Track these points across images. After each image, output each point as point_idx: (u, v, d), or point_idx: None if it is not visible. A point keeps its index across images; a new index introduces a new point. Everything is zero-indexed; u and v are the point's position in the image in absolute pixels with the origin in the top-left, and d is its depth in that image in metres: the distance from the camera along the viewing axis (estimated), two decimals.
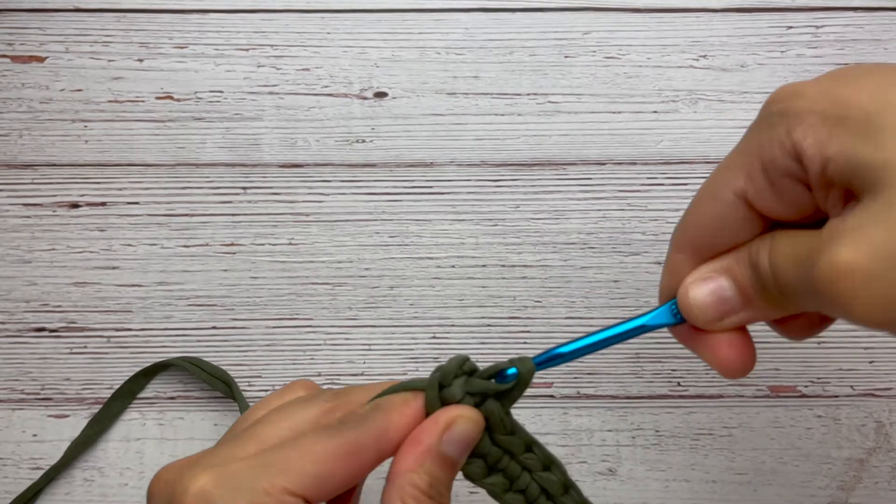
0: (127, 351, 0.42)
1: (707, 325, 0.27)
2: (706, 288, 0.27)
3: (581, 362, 0.42)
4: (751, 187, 0.25)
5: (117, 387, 0.42)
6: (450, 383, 0.27)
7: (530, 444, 0.29)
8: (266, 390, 0.42)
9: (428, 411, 0.27)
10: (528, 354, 0.29)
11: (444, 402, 0.27)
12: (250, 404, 0.42)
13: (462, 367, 0.28)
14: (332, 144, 0.43)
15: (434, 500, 0.27)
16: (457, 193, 0.43)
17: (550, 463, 0.29)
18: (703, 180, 0.43)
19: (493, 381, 0.28)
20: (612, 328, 0.29)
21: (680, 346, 0.42)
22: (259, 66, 0.44)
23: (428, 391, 0.27)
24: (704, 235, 0.27)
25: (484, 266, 0.43)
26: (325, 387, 0.35)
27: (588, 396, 0.42)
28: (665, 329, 0.30)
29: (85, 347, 0.42)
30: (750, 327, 0.28)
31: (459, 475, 0.28)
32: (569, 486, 0.30)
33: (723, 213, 0.26)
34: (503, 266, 0.43)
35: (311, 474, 0.25)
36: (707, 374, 0.42)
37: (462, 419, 0.27)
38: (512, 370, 0.27)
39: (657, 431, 0.42)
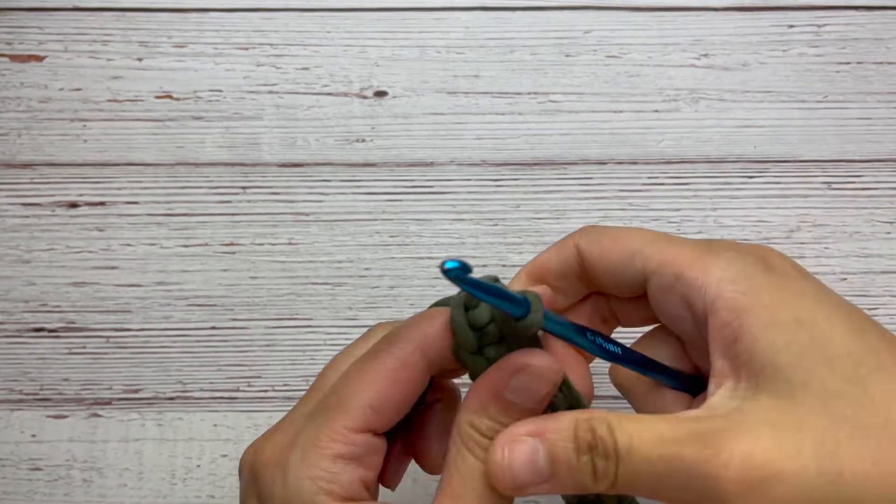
0: (126, 351, 0.42)
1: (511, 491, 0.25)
2: (521, 452, 0.24)
3: None
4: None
5: (116, 387, 0.42)
6: (476, 304, 0.25)
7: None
8: (266, 390, 0.42)
9: (455, 332, 0.26)
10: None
11: (471, 325, 0.25)
12: (251, 407, 0.42)
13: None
14: (331, 144, 0.43)
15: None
16: (457, 193, 0.43)
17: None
18: (704, 180, 0.43)
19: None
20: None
21: None
22: (258, 65, 0.44)
23: (453, 312, 0.26)
24: (547, 276, 0.30)
25: (484, 266, 0.43)
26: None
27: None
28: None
29: (84, 348, 0.42)
30: None
31: None
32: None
33: (565, 262, 0.29)
34: (504, 266, 0.43)
35: (367, 404, 0.25)
36: None
37: (531, 370, 0.25)
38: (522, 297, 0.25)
39: None
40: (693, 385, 0.29)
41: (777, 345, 0.23)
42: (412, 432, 0.29)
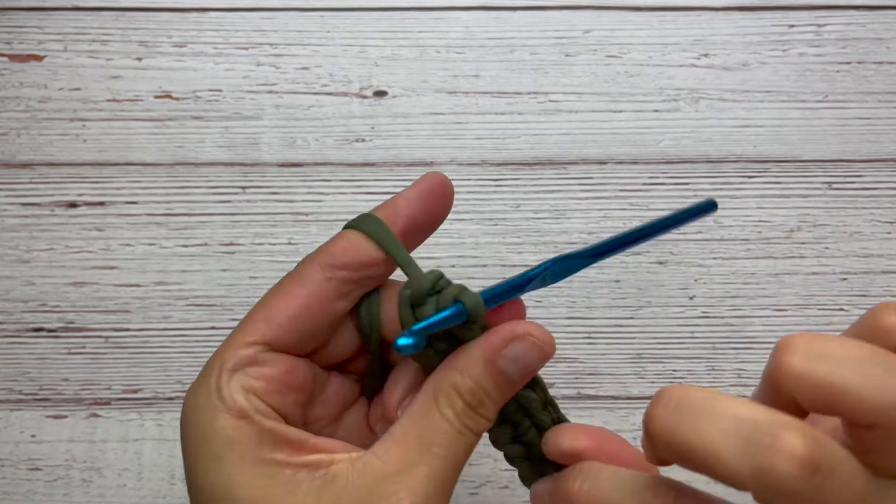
0: (125, 351, 0.42)
1: None
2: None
3: (582, 363, 0.42)
4: None
5: (115, 387, 0.42)
6: (423, 302, 0.26)
7: (545, 403, 0.28)
8: None
9: (404, 326, 0.26)
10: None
11: (418, 321, 0.26)
12: None
13: (436, 286, 0.26)
14: (331, 143, 0.43)
15: (471, 409, 0.25)
16: (457, 193, 0.43)
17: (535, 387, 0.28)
18: (704, 179, 0.43)
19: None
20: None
21: (682, 346, 0.42)
22: (258, 65, 0.44)
23: (402, 312, 0.26)
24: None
25: (484, 266, 0.43)
26: None
27: (589, 397, 0.42)
28: (666, 329, 0.29)
29: (83, 348, 0.42)
30: (754, 328, 0.27)
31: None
32: (547, 403, 0.28)
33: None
34: (503, 266, 0.43)
35: (260, 318, 0.26)
36: (708, 374, 0.42)
37: (529, 339, 0.26)
38: (458, 307, 0.25)
39: None
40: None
41: None
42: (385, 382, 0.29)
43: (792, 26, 0.44)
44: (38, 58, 0.44)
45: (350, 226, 0.28)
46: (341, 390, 0.29)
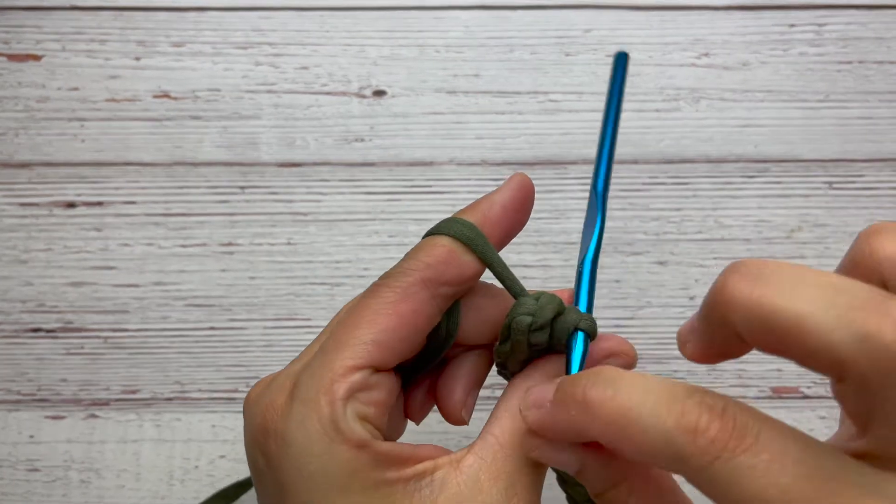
0: (124, 352, 0.42)
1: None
2: None
3: None
4: None
5: (114, 388, 0.41)
6: (541, 328, 0.25)
7: None
8: None
9: (514, 345, 0.26)
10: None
11: (529, 343, 0.25)
12: None
13: (557, 310, 0.25)
14: (330, 143, 0.43)
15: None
16: (457, 193, 0.43)
17: None
18: (705, 179, 0.43)
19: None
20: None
21: None
22: (257, 65, 0.44)
23: (517, 336, 0.25)
24: None
25: None
26: None
27: None
28: (666, 329, 0.29)
29: (82, 348, 0.42)
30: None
31: None
32: None
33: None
34: None
35: (369, 340, 0.24)
36: (709, 374, 0.42)
37: (624, 362, 0.26)
38: (580, 334, 0.25)
39: None
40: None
41: None
42: (438, 377, 0.29)
43: (793, 26, 0.44)
44: (37, 57, 0.44)
45: (441, 231, 0.27)
46: (395, 387, 0.28)
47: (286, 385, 0.25)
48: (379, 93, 0.44)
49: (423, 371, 0.28)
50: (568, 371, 0.25)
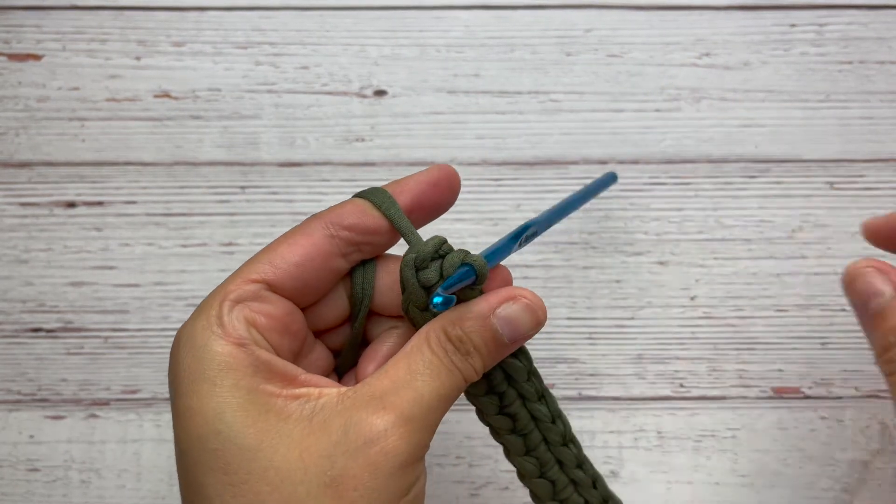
0: (124, 352, 0.42)
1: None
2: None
3: (583, 363, 0.42)
4: None
5: (114, 388, 0.41)
6: (427, 266, 0.27)
7: (529, 373, 0.29)
8: None
9: (406, 290, 0.27)
10: (532, 353, 0.29)
11: (421, 284, 0.27)
12: None
13: (439, 251, 0.27)
14: (331, 143, 0.43)
15: (460, 353, 0.26)
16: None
17: (544, 392, 0.30)
18: (706, 179, 0.43)
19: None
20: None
21: (683, 347, 0.42)
22: (257, 64, 0.44)
23: (404, 272, 0.27)
24: None
25: None
26: None
27: (590, 398, 0.42)
28: (667, 329, 0.30)
29: (82, 348, 0.42)
30: (756, 329, 0.27)
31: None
32: (556, 417, 0.30)
33: None
34: (503, 265, 0.42)
35: (265, 260, 0.27)
36: (710, 375, 0.42)
37: (523, 301, 0.27)
38: (467, 268, 0.26)
39: (659, 433, 0.41)
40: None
41: None
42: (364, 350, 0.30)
43: (793, 26, 0.44)
44: (37, 57, 0.44)
45: (358, 195, 0.29)
46: (324, 358, 0.30)
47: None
48: (379, 92, 0.43)
49: (360, 338, 0.30)
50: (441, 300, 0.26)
